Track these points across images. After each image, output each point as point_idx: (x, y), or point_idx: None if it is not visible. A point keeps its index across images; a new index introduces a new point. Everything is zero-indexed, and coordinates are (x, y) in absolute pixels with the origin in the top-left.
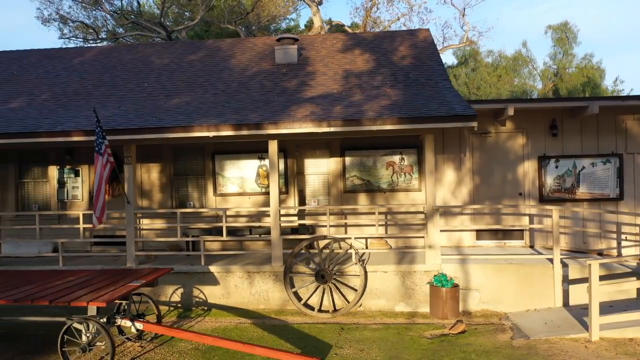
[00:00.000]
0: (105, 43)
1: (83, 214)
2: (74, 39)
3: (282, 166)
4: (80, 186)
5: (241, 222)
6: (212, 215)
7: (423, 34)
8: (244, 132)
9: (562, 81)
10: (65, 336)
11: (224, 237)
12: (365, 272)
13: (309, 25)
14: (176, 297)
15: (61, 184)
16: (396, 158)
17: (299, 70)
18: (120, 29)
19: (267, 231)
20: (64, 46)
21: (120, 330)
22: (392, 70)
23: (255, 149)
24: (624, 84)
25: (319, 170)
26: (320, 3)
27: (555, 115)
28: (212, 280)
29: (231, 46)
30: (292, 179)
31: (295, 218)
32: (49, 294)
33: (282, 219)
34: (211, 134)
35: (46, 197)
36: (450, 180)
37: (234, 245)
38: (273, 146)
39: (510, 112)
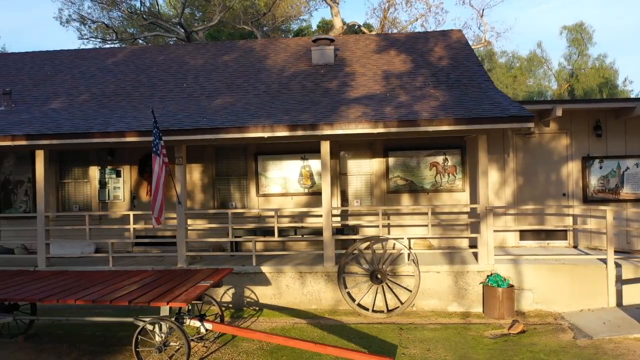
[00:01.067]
0: (118, 44)
1: (133, 215)
2: (93, 39)
3: None
4: (121, 186)
5: (284, 223)
6: (255, 215)
7: (456, 34)
8: (299, 133)
9: (578, 82)
10: (139, 336)
11: (276, 238)
12: (419, 273)
13: (322, 26)
14: (227, 298)
15: (102, 184)
16: (440, 158)
17: (337, 71)
18: (132, 29)
19: (312, 231)
20: (82, 47)
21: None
22: (431, 71)
23: (298, 149)
24: (633, 84)
25: (361, 170)
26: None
27: (599, 115)
28: (264, 281)
29: (264, 47)
30: (335, 179)
31: (338, 219)
32: (124, 295)
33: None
34: (266, 134)
35: (86, 198)
36: (494, 180)
37: (276, 246)
38: (325, 147)
39: (559, 112)
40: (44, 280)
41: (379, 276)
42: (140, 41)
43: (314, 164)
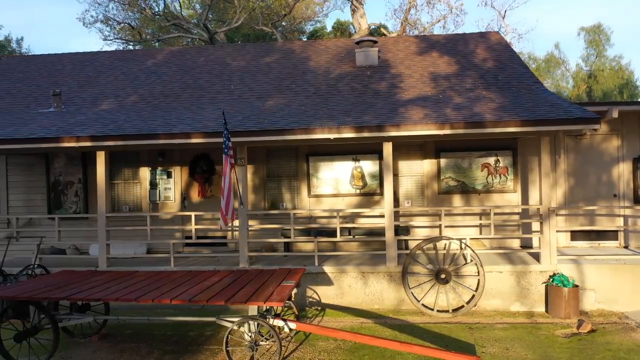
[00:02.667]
0: (138, 46)
1: (195, 215)
2: (117, 41)
3: (376, 168)
4: (172, 187)
5: (335, 224)
6: (307, 216)
7: (495, 36)
8: (365, 134)
9: (597, 83)
10: (230, 336)
11: (338, 238)
12: (484, 273)
13: (337, 27)
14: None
15: (153, 185)
16: (491, 160)
17: (382, 72)
18: (149, 30)
19: (367, 232)
20: (104, 49)
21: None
22: (478, 73)
23: (349, 150)
24: None
25: (411, 171)
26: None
27: None
28: (326, 281)
29: (303, 48)
30: None
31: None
32: (217, 295)
33: (376, 220)
34: (332, 135)
35: (136, 198)
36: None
37: (327, 246)
38: (388, 148)
39: (615, 114)
40: (122, 280)
41: (444, 276)
42: (156, 44)
43: (366, 165)
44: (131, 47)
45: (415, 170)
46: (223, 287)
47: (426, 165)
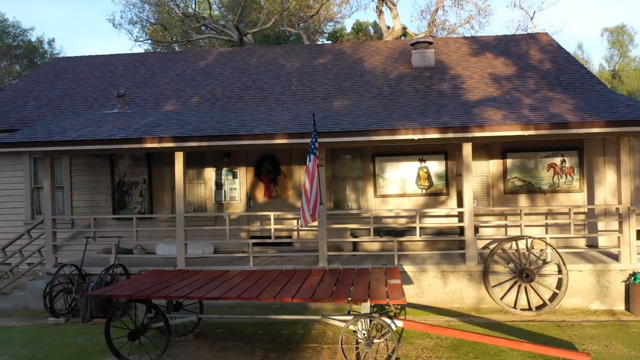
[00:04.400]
0: (159, 48)
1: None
2: (148, 42)
3: (442, 168)
4: (237, 188)
5: (401, 223)
6: (368, 216)
7: (544, 37)
8: (450, 135)
9: (621, 83)
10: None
11: (418, 238)
12: (567, 271)
13: (357, 28)
14: None
15: (218, 185)
16: (557, 160)
17: (441, 73)
18: (159, 29)
19: (437, 232)
20: (133, 50)
21: None
22: (539, 74)
23: (415, 151)
24: None
25: (477, 171)
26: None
27: None
28: (405, 280)
29: (354, 50)
30: (452, 180)
31: (456, 220)
32: (333, 292)
33: (443, 220)
34: (416, 136)
35: (201, 199)
36: (611, 181)
37: (392, 247)
38: (468, 148)
39: None
40: (221, 279)
41: (528, 275)
42: (175, 46)
43: (432, 165)
44: (159, 49)
45: (481, 171)
46: (331, 285)
47: (492, 166)
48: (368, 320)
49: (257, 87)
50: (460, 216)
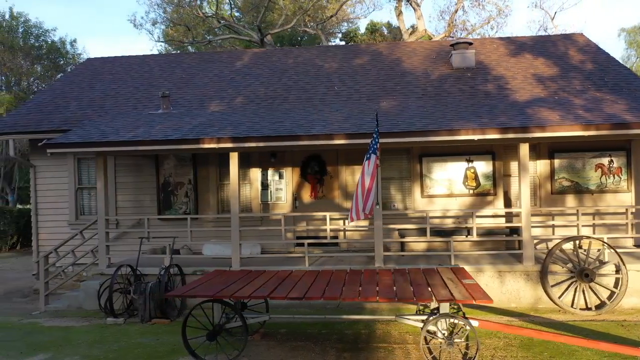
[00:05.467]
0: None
1: (329, 215)
2: (168, 43)
3: (489, 168)
4: (284, 188)
5: (448, 224)
6: (418, 216)
7: (581, 38)
8: (510, 136)
9: None
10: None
11: (475, 237)
12: (627, 271)
13: (371, 29)
14: None
15: (264, 186)
16: (605, 160)
17: (483, 74)
18: (182, 29)
19: (487, 232)
20: (153, 50)
21: None
22: (583, 75)
23: (462, 151)
24: None
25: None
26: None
27: None
28: None
29: (390, 50)
30: (500, 181)
31: (503, 220)
32: (419, 293)
33: (489, 220)
34: (476, 136)
35: (246, 199)
36: None
37: (439, 246)
38: (525, 149)
39: None
40: (289, 279)
41: (588, 274)
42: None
43: (479, 166)
44: (177, 50)
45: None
46: (407, 285)
47: (539, 166)
48: (449, 319)
49: (299, 88)
50: (508, 216)
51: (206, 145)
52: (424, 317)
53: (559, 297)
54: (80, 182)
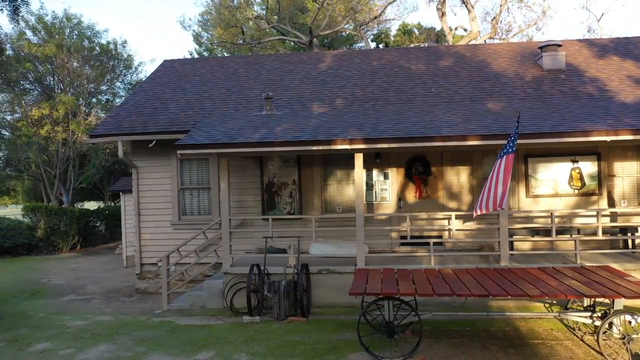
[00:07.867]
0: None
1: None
2: (216, 45)
3: (594, 168)
4: (388, 188)
5: (550, 223)
6: (524, 217)
7: None
8: None
9: None
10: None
11: (600, 237)
12: None
13: (403, 30)
14: None
15: (369, 186)
16: None
17: (576, 76)
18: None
19: (594, 232)
20: (191, 53)
21: None
22: None
23: (567, 151)
24: None
25: (626, 172)
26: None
27: None
28: None
29: (472, 53)
30: (604, 181)
31: (607, 219)
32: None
33: (594, 220)
34: (609, 137)
35: (350, 199)
36: None
37: (544, 245)
38: None
39: None
40: (449, 278)
41: None
42: (227, 51)
43: (584, 166)
44: (223, 53)
45: (630, 171)
46: (575, 283)
47: None
48: (626, 316)
49: (395, 89)
50: (612, 216)
51: (338, 147)
52: (588, 314)
53: None
54: (182, 183)
